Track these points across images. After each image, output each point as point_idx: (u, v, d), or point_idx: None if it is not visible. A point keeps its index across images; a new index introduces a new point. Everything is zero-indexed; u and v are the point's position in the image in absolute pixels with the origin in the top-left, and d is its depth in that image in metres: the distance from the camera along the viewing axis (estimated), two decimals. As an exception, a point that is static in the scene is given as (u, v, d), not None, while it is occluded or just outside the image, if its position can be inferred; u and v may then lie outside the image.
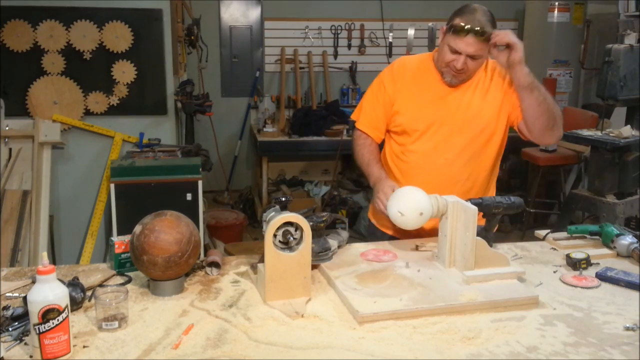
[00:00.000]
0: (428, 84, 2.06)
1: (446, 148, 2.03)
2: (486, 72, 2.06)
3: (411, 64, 2.13)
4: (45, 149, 3.52)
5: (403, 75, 2.09)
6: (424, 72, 2.08)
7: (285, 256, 1.53)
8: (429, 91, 2.05)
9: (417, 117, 2.04)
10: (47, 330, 1.24)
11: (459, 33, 1.89)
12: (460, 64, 1.93)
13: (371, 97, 2.16)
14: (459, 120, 2.01)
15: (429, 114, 2.03)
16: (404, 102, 2.07)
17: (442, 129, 2.02)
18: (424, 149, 2.04)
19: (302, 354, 1.30)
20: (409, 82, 2.08)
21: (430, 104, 2.04)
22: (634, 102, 3.57)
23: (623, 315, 1.49)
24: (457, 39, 1.90)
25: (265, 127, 5.41)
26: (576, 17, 5.65)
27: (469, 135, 2.02)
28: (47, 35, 3.51)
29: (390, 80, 2.10)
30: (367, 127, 2.16)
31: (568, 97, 5.80)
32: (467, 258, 1.64)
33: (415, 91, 2.06)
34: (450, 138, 2.02)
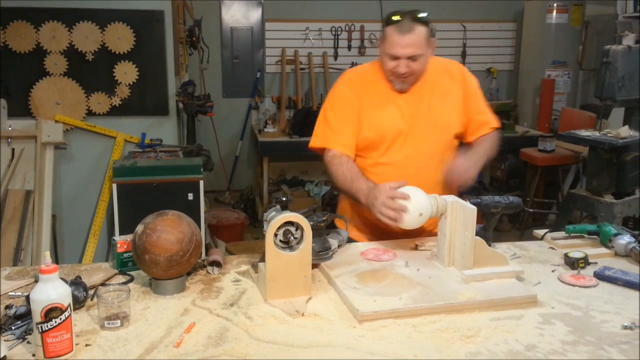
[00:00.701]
0: (385, 93, 2.02)
1: (416, 156, 2.00)
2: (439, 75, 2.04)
3: (364, 74, 2.06)
4: (48, 149, 3.53)
5: (361, 87, 2.03)
6: (378, 81, 2.03)
7: (286, 255, 1.55)
8: (388, 100, 2.01)
9: (382, 128, 1.99)
10: (50, 328, 1.25)
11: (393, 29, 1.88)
12: (402, 68, 1.91)
13: (337, 114, 2.03)
14: (424, 126, 2.00)
15: (394, 124, 1.99)
16: (367, 115, 2.01)
17: (410, 138, 1.99)
18: (395, 160, 2.00)
19: (302, 352, 1.31)
20: (368, 94, 2.02)
21: (393, 114, 2.00)
22: (632, 103, 3.58)
23: (621, 314, 1.50)
24: (393, 44, 1.89)
25: (266, 127, 5.42)
26: (574, 18, 5.67)
27: (436, 139, 2.01)
28: (50, 36, 3.53)
29: (351, 91, 2.03)
30: (341, 146, 2.01)
31: (566, 97, 5.81)
32: (466, 257, 1.66)
33: (376, 102, 2.01)
34: (419, 145, 2.00)
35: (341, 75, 2.13)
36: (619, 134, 3.50)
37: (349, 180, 1.94)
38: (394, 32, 1.90)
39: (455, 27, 6.20)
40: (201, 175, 3.32)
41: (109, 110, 3.68)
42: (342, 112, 2.03)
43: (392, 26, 1.90)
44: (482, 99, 2.13)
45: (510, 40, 6.41)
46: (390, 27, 1.91)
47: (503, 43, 6.40)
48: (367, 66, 2.12)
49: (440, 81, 2.05)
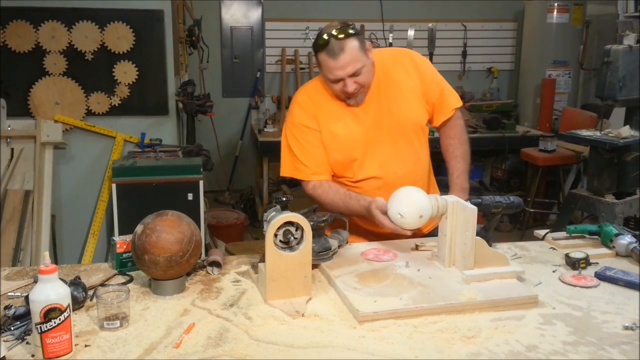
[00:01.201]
0: (340, 109, 1.96)
1: (391, 162, 1.97)
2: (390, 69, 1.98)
3: (315, 94, 2.00)
4: (47, 149, 3.53)
5: (315, 110, 1.97)
6: (328, 100, 1.97)
7: (286, 256, 1.54)
8: (344, 116, 1.95)
9: (348, 146, 1.95)
10: (49, 329, 1.25)
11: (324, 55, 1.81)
12: (350, 87, 1.85)
13: (301, 145, 1.97)
14: (390, 130, 1.96)
15: (359, 139, 1.95)
16: (329, 136, 1.96)
17: (379, 146, 1.96)
18: (372, 172, 1.97)
19: (302, 353, 1.31)
20: (323, 116, 1.96)
21: (354, 128, 1.95)
22: (632, 103, 3.57)
23: (622, 314, 1.50)
24: (330, 69, 1.83)
25: (266, 127, 5.42)
26: (575, 17, 5.66)
27: (406, 138, 1.98)
28: (49, 36, 3.52)
29: (308, 119, 1.97)
30: (316, 174, 1.98)
31: (567, 97, 5.82)
32: (467, 257, 1.65)
33: (333, 120, 1.96)
34: (390, 150, 1.97)
35: (293, 99, 2.07)
36: (620, 133, 3.49)
37: (342, 207, 1.93)
38: (326, 58, 1.82)
39: (456, 27, 6.19)
40: (201, 175, 3.32)
41: (109, 110, 3.67)
42: (305, 140, 1.97)
43: (323, 52, 1.83)
44: (439, 79, 2.06)
45: (511, 40, 6.40)
46: (322, 54, 1.83)
47: (504, 43, 6.40)
48: (315, 84, 2.03)
49: (392, 76, 1.98)
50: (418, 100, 2.01)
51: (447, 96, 2.06)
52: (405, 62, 2.02)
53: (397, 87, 1.98)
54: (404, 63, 2.02)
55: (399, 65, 2.01)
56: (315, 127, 1.97)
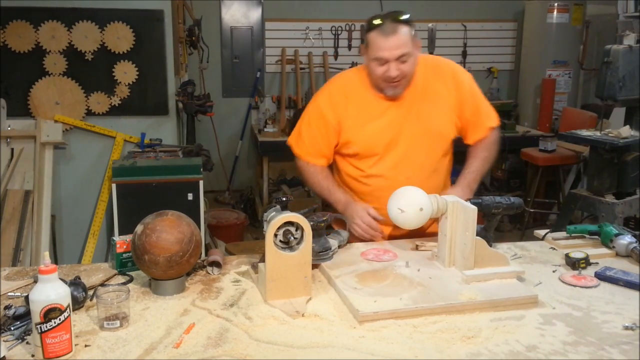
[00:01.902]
0: (372, 103, 1.97)
1: (406, 165, 1.97)
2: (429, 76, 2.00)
3: (349, 84, 2.02)
4: (47, 149, 3.53)
5: (343, 100, 1.99)
6: (363, 90, 1.98)
7: (286, 256, 1.54)
8: (375, 110, 1.96)
9: (371, 140, 1.96)
10: (49, 329, 1.25)
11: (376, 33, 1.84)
12: (393, 71, 1.86)
13: (309, 127, 2.04)
14: (414, 135, 1.96)
15: (382, 135, 1.96)
16: (353, 128, 1.97)
17: (399, 147, 1.96)
18: (384, 171, 1.97)
19: (302, 353, 1.31)
20: (351, 107, 1.98)
21: (381, 124, 1.96)
22: (632, 103, 3.57)
23: (622, 314, 1.50)
24: (379, 48, 1.84)
25: (266, 127, 5.42)
26: (575, 17, 5.67)
27: (427, 147, 1.98)
28: (49, 36, 3.52)
29: (330, 109, 1.99)
30: (311, 157, 2.05)
31: (567, 97, 5.82)
32: (467, 257, 1.65)
33: (362, 113, 1.97)
34: (409, 154, 1.97)
35: (329, 82, 2.09)
36: (620, 133, 3.49)
37: (325, 190, 2.03)
38: (377, 36, 1.85)
39: (456, 27, 6.19)
40: (201, 175, 3.32)
41: (109, 110, 3.67)
42: (316, 125, 2.03)
43: (375, 31, 1.86)
44: (478, 96, 2.06)
45: (511, 40, 6.40)
46: (373, 32, 1.86)
47: (504, 43, 6.39)
48: (353, 74, 2.05)
49: (430, 84, 1.99)
50: (449, 113, 2.00)
51: (483, 114, 2.06)
52: (446, 73, 2.02)
53: (432, 96, 1.98)
54: (445, 74, 2.02)
55: (439, 76, 2.01)
56: (332, 119, 1.99)
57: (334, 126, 1.99)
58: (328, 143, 2.02)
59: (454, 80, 2.01)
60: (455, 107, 2.00)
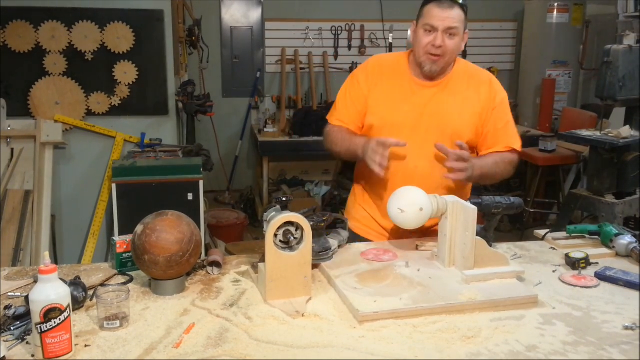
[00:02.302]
0: (402, 84, 2.02)
1: (419, 155, 1.97)
2: (464, 78, 2.02)
3: (387, 62, 2.09)
4: (47, 149, 3.53)
5: (378, 72, 2.05)
6: (399, 72, 2.04)
7: (286, 256, 1.54)
8: (403, 92, 2.01)
9: (388, 115, 2.00)
10: (49, 329, 1.25)
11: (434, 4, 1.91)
12: (439, 40, 1.90)
13: (344, 95, 2.11)
14: (433, 127, 1.97)
15: (401, 115, 1.98)
16: (377, 103, 2.02)
17: (415, 135, 1.96)
18: (395, 155, 1.96)
19: (302, 353, 1.31)
20: (383, 82, 2.03)
21: (404, 105, 1.99)
22: (632, 103, 3.57)
23: (622, 314, 1.50)
24: (433, 16, 1.91)
25: (266, 127, 5.42)
26: (575, 17, 5.67)
27: (440, 140, 1.95)
28: (49, 36, 3.52)
29: (364, 77, 2.06)
30: (340, 121, 2.09)
31: (567, 97, 5.82)
32: (467, 257, 1.65)
33: (388, 92, 2.02)
34: (424, 145, 1.96)
35: (368, 59, 2.15)
36: (620, 133, 3.49)
37: (347, 140, 2.03)
38: (434, 7, 1.92)
39: (456, 27, 6.18)
40: (201, 175, 3.32)
41: (109, 110, 3.67)
42: (349, 93, 2.08)
43: (433, 3, 1.93)
44: (507, 116, 2.05)
45: (510, 40, 6.40)
46: (431, 4, 1.93)
47: (504, 43, 6.40)
48: (396, 55, 2.13)
49: (462, 86, 2.02)
50: (472, 117, 2.00)
51: (509, 134, 2.04)
52: (483, 81, 2.04)
53: (460, 97, 2.00)
54: (481, 82, 2.04)
55: (475, 82, 2.03)
56: (364, 88, 2.04)
57: (365, 94, 2.04)
58: (358, 111, 2.05)
59: (488, 90, 2.03)
60: (480, 113, 2.00)
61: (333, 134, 2.09)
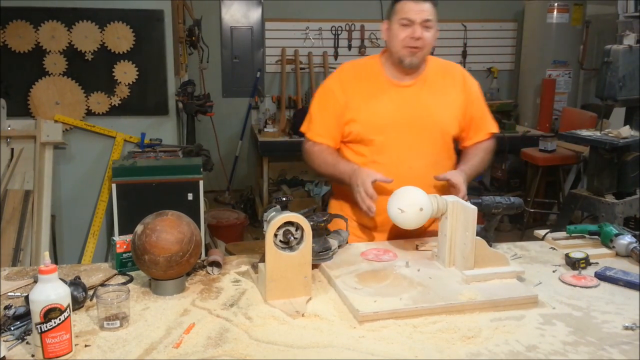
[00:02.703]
0: (380, 87, 2.01)
1: (410, 155, 1.98)
2: (438, 74, 2.05)
3: (360, 66, 2.07)
4: (47, 149, 3.53)
5: (352, 79, 2.03)
6: (373, 75, 2.03)
7: (286, 256, 1.54)
8: (383, 93, 2.00)
9: (374, 120, 1.98)
10: (49, 329, 1.25)
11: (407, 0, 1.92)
12: (417, 31, 1.92)
13: (320, 107, 2.06)
14: (419, 124, 1.98)
15: (388, 117, 1.98)
16: (358, 109, 1.99)
17: (403, 135, 1.97)
18: (387, 158, 1.97)
19: (302, 353, 1.31)
20: (360, 87, 2.01)
21: (387, 106, 1.98)
22: (633, 103, 3.57)
23: (622, 314, 1.50)
24: (407, 10, 1.92)
25: (266, 127, 5.42)
26: (575, 17, 5.67)
27: (431, 139, 1.99)
28: (49, 36, 3.52)
29: (338, 87, 2.02)
30: (320, 137, 2.04)
31: (567, 97, 5.82)
32: (467, 257, 1.65)
33: (368, 95, 2.00)
34: (413, 144, 1.98)
35: (340, 66, 2.12)
36: (620, 133, 3.49)
37: (331, 165, 2.01)
38: (407, 1, 1.94)
39: (456, 27, 6.19)
40: (201, 175, 3.32)
41: (109, 110, 3.67)
42: (325, 105, 2.05)
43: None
44: (483, 103, 2.13)
45: (511, 40, 6.41)
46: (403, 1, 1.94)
47: (504, 43, 6.40)
48: (368, 58, 2.11)
49: (439, 82, 2.04)
50: (455, 110, 2.04)
51: (487, 120, 2.13)
52: (456, 75, 2.09)
53: (440, 92, 2.03)
54: (455, 76, 2.08)
55: (449, 76, 2.07)
56: (340, 99, 2.02)
57: (342, 104, 2.01)
58: (337, 123, 2.03)
59: (463, 82, 2.07)
60: (461, 106, 2.05)
61: (315, 155, 2.05)
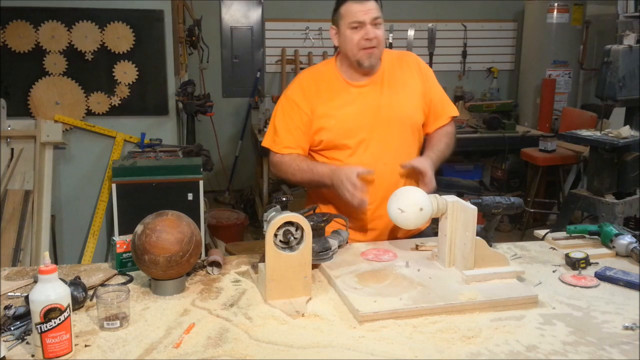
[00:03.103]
0: (341, 90, 2.00)
1: (383, 152, 1.98)
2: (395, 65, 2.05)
3: (318, 73, 2.06)
4: (47, 149, 3.53)
5: (314, 87, 2.01)
6: (333, 79, 2.02)
7: (286, 256, 1.54)
8: (345, 97, 1.99)
9: (344, 125, 1.97)
10: (49, 329, 1.25)
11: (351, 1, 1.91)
12: (370, 32, 1.91)
13: (284, 119, 2.02)
14: (386, 120, 1.98)
15: (355, 121, 1.97)
16: (325, 115, 1.98)
17: (373, 134, 1.97)
18: (362, 160, 1.96)
19: (302, 353, 1.31)
20: (321, 94, 2.00)
21: (353, 109, 1.98)
22: (632, 103, 3.57)
23: (622, 314, 1.50)
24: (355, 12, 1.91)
25: (266, 127, 5.40)
26: (575, 17, 5.67)
27: (400, 133, 2.00)
28: (49, 36, 3.52)
29: (301, 97, 2.00)
30: (289, 149, 2.00)
31: (567, 97, 5.82)
32: (467, 257, 1.65)
33: (332, 101, 1.99)
34: (384, 141, 1.98)
35: (297, 76, 2.10)
36: (620, 133, 3.49)
37: (307, 171, 1.96)
38: (352, 3, 1.93)
39: (456, 27, 6.19)
40: (201, 175, 3.32)
41: (109, 110, 3.67)
42: (290, 116, 2.00)
43: (349, 1, 1.93)
44: (439, 88, 2.14)
45: (510, 39, 6.41)
46: (347, 3, 1.93)
47: (504, 43, 6.40)
48: (322, 65, 2.12)
49: (396, 73, 2.04)
50: (418, 100, 2.05)
51: (446, 104, 2.14)
52: (410, 63, 2.09)
53: (400, 84, 2.03)
54: (410, 64, 2.08)
55: (405, 65, 2.07)
56: (305, 109, 1.99)
57: (308, 114, 1.99)
58: (304, 133, 2.00)
59: (419, 69, 2.08)
60: (422, 94, 2.06)
61: (286, 164, 2.00)
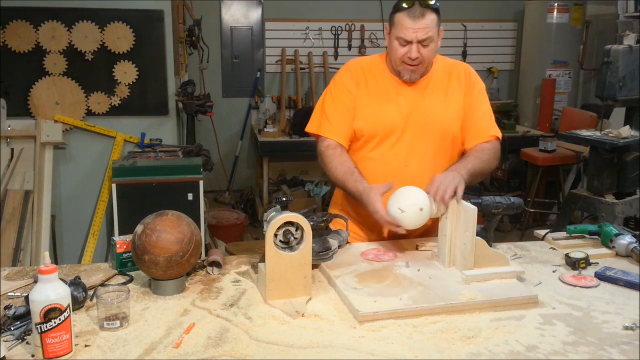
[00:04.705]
0: (384, 85, 1.99)
1: (407, 154, 1.96)
2: (444, 74, 2.02)
3: (367, 64, 2.04)
4: (47, 149, 3.53)
5: (361, 74, 2.01)
6: (381, 73, 2.01)
7: (286, 256, 1.54)
8: (387, 94, 1.98)
9: (376, 122, 1.96)
10: (49, 329, 1.25)
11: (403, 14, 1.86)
12: (414, 52, 1.88)
13: (334, 103, 2.01)
14: (419, 125, 1.96)
15: (389, 120, 1.96)
16: (363, 105, 1.98)
17: (404, 135, 1.95)
18: (384, 156, 1.96)
19: (302, 353, 1.31)
20: (367, 82, 2.00)
21: (390, 108, 1.97)
22: (632, 103, 3.57)
23: (622, 314, 1.50)
24: (404, 28, 1.87)
25: (266, 127, 5.42)
26: (575, 17, 5.67)
27: (430, 139, 1.96)
28: (49, 36, 3.52)
29: (350, 80, 2.00)
30: (336, 135, 1.99)
31: (567, 97, 5.82)
32: (467, 258, 1.65)
33: (374, 94, 1.98)
34: (411, 143, 1.96)
35: (345, 64, 2.10)
36: (620, 133, 3.49)
37: (340, 179, 1.93)
38: (405, 17, 1.88)
39: (456, 27, 6.19)
40: (201, 175, 3.32)
41: (109, 110, 3.68)
42: (340, 101, 2.01)
43: (403, 12, 1.88)
44: (486, 105, 2.06)
45: (510, 40, 6.40)
46: (401, 13, 1.89)
47: (504, 43, 6.40)
48: (373, 57, 2.09)
49: (443, 81, 2.01)
50: (456, 112, 2.00)
51: (489, 122, 2.04)
52: (461, 73, 2.04)
53: (442, 93, 2.00)
54: (459, 75, 2.03)
55: (454, 75, 2.03)
56: (354, 92, 1.99)
57: (354, 97, 1.99)
58: (351, 117, 1.99)
59: (467, 82, 2.03)
60: (462, 107, 2.01)
61: (327, 159, 1.98)
